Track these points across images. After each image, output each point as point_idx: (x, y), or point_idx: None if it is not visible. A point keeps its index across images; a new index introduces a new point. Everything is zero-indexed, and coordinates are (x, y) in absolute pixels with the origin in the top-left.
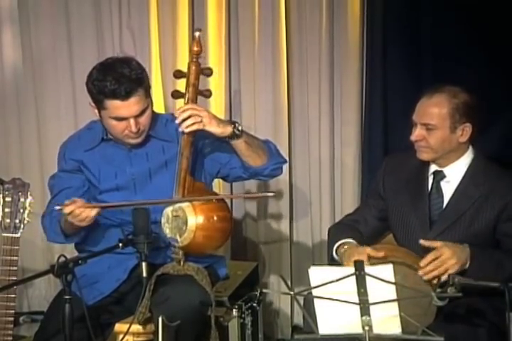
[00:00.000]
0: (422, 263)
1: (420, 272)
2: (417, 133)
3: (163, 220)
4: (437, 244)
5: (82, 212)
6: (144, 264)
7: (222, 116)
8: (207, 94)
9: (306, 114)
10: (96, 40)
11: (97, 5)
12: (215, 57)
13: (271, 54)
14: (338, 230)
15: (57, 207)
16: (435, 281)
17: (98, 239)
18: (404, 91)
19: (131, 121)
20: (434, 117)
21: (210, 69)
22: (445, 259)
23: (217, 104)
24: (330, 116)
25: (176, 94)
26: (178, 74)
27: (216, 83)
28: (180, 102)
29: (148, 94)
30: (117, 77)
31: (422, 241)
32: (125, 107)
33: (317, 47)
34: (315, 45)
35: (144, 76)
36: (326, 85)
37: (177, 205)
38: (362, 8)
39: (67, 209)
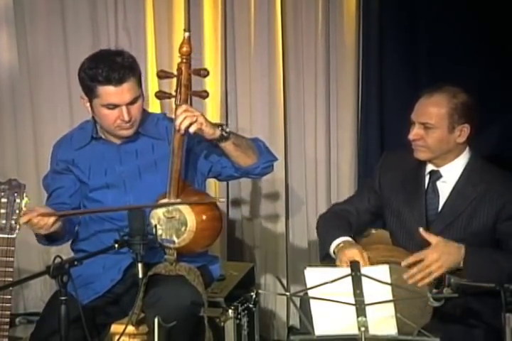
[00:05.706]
0: (403, 263)
1: (404, 276)
2: (414, 132)
3: (152, 222)
4: (434, 239)
5: (39, 220)
6: (139, 265)
7: (218, 117)
8: (204, 95)
9: (301, 115)
10: (92, 41)
11: (93, 6)
12: (210, 57)
13: (267, 55)
14: (330, 222)
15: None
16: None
17: (96, 242)
18: (400, 92)
19: (124, 108)
20: (433, 116)
21: (205, 70)
22: (428, 263)
23: (213, 105)
24: (326, 117)
25: (161, 95)
26: (163, 75)
27: (212, 84)
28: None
29: (139, 84)
30: (110, 64)
31: (421, 231)
32: (118, 94)
33: (313, 49)
34: (311, 46)
35: (136, 65)
36: (321, 86)
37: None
38: (358, 10)
39: (22, 219)
